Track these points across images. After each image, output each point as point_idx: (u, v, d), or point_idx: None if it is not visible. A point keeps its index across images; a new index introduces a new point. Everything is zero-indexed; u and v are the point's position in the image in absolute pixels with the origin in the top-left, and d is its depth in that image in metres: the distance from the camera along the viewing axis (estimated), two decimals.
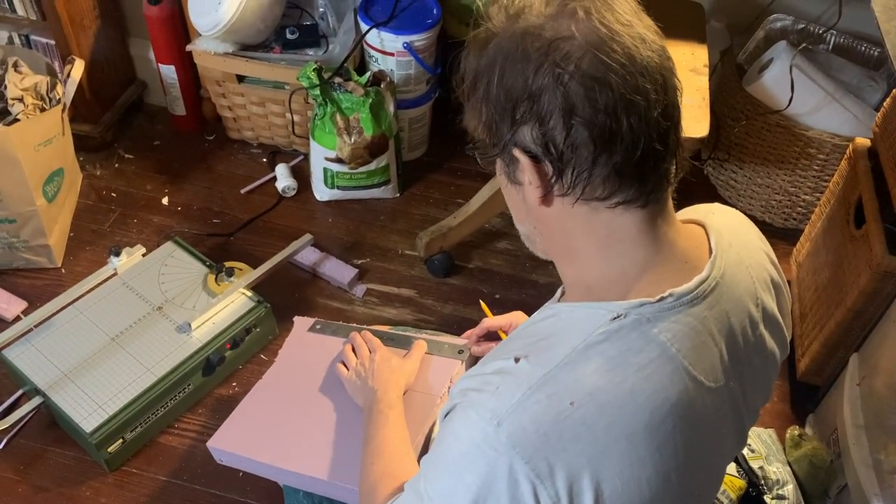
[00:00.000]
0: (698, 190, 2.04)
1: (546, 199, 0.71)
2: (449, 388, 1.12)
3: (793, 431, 1.55)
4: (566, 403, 0.67)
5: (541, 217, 0.74)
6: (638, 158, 0.67)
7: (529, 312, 0.87)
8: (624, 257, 0.72)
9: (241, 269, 1.70)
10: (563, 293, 0.82)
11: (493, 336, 1.20)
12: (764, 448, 1.53)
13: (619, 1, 0.68)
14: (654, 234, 0.72)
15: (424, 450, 1.07)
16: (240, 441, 1.14)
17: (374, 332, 1.22)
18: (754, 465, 1.49)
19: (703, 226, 0.79)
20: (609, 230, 0.72)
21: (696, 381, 0.72)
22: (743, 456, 1.50)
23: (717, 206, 0.84)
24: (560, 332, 0.72)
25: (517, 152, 0.70)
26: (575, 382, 0.68)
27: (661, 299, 0.70)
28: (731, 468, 1.49)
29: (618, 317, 0.70)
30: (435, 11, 1.83)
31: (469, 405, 0.70)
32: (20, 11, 1.85)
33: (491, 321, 1.19)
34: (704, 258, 0.75)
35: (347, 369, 1.16)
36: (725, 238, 0.78)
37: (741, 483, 1.47)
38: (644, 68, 0.66)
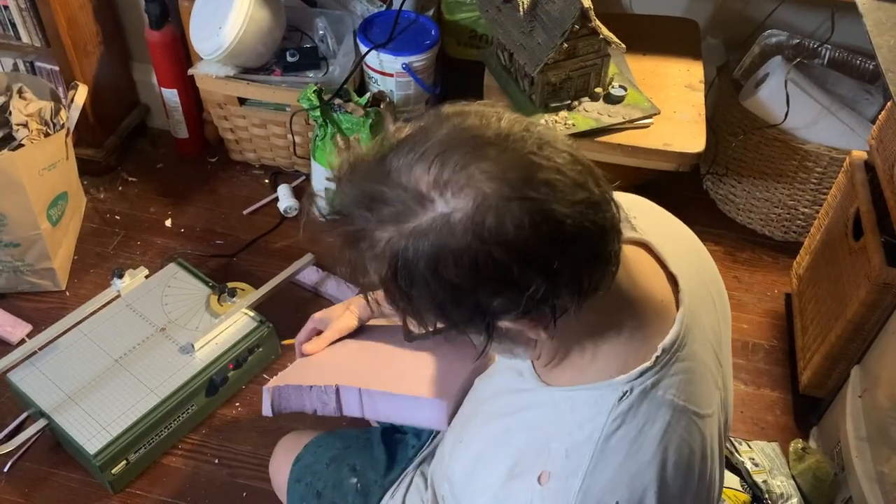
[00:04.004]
0: (697, 204, 2.04)
1: (551, 332, 0.66)
2: None
3: (796, 445, 1.55)
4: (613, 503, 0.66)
5: (535, 344, 0.71)
6: (603, 245, 0.64)
7: None
8: (614, 327, 0.71)
9: (243, 290, 1.71)
10: (533, 371, 0.77)
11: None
12: (768, 462, 1.52)
13: (491, 129, 0.61)
14: (630, 292, 0.71)
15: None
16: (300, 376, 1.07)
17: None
18: (758, 479, 1.49)
19: (643, 244, 0.77)
20: (601, 311, 0.69)
21: (703, 417, 0.72)
22: (747, 470, 1.50)
23: (628, 204, 0.78)
24: (567, 425, 0.69)
25: (506, 323, 0.64)
26: (611, 481, 0.67)
27: (657, 359, 0.70)
28: (735, 482, 1.49)
29: (624, 395, 0.68)
30: (433, 32, 1.85)
31: None
32: (25, 38, 1.88)
33: (298, 338, 1.15)
34: (667, 287, 0.75)
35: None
36: (669, 248, 0.77)
37: (745, 497, 1.46)
38: (557, 166, 0.60)
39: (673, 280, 0.75)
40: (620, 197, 0.75)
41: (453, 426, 0.93)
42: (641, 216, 0.80)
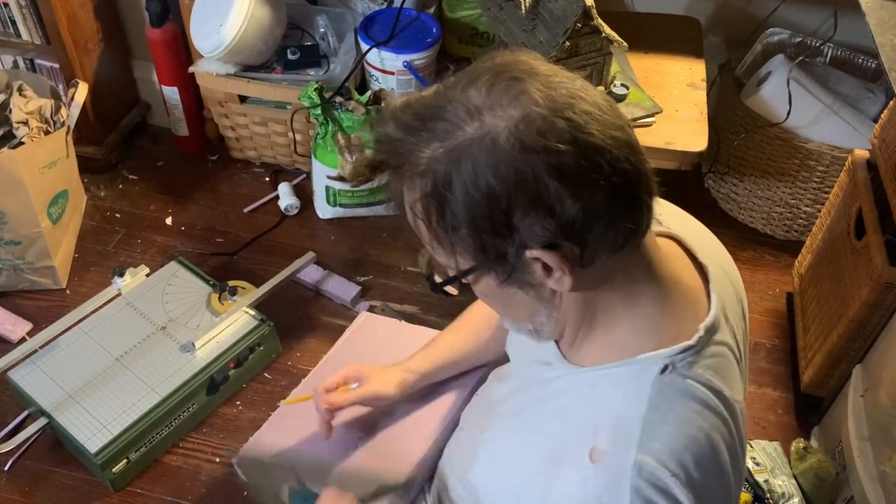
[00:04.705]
0: (699, 203, 2.04)
1: (577, 282, 0.66)
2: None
3: (798, 444, 1.55)
4: (667, 477, 0.66)
5: (559, 303, 0.71)
6: (637, 187, 0.65)
7: None
8: (645, 298, 0.71)
9: (244, 288, 1.71)
10: (561, 356, 0.77)
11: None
12: (769, 461, 1.52)
13: (544, 66, 0.65)
14: (660, 269, 0.71)
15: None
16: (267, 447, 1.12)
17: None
18: (759, 478, 1.48)
19: (673, 237, 0.78)
20: (627, 276, 0.70)
21: (739, 403, 0.74)
22: (748, 469, 1.50)
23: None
24: (610, 402, 0.69)
25: (535, 253, 0.64)
26: (662, 452, 0.67)
27: (700, 339, 0.70)
28: None
29: (665, 369, 0.69)
30: (434, 30, 1.85)
31: None
32: (25, 36, 1.87)
33: (326, 381, 1.06)
34: (697, 276, 0.76)
35: None
36: (697, 244, 0.78)
37: (747, 496, 1.46)
38: (598, 104, 0.64)
39: (702, 272, 0.76)
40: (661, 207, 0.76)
41: (461, 428, 0.93)
42: (668, 215, 0.81)
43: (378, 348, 1.23)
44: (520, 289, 0.69)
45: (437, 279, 0.72)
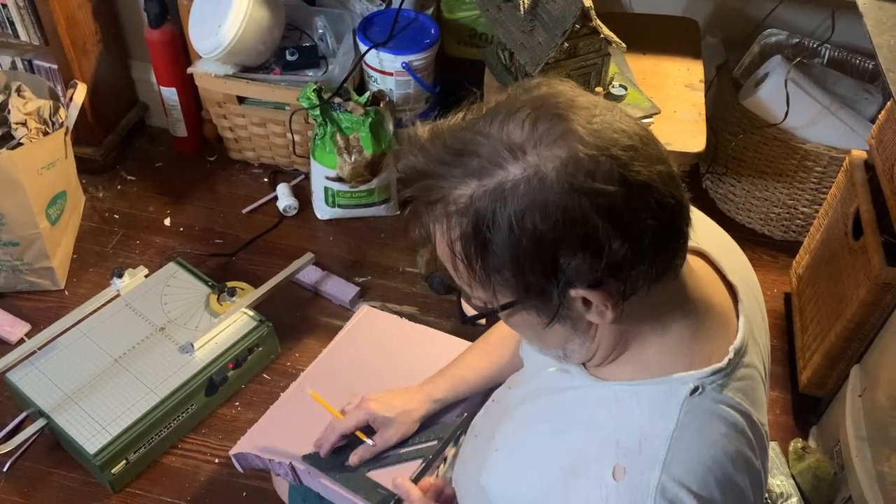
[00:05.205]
0: (697, 203, 2.04)
1: (618, 315, 0.65)
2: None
3: (796, 444, 1.55)
4: (690, 499, 0.66)
5: (594, 333, 0.70)
6: (680, 220, 0.65)
7: None
8: (678, 323, 0.70)
9: (243, 289, 1.71)
10: (582, 367, 0.76)
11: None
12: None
13: (581, 96, 0.64)
14: (694, 295, 0.71)
15: None
16: (265, 443, 1.12)
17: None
18: None
19: (703, 254, 0.78)
20: (663, 304, 0.69)
21: (764, 426, 0.73)
22: None
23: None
24: (636, 419, 0.69)
25: (579, 292, 0.63)
26: (686, 473, 0.66)
27: (730, 362, 0.70)
28: None
29: (696, 390, 0.68)
30: (433, 31, 1.85)
31: None
32: (23, 37, 1.87)
33: (344, 424, 1.04)
34: (727, 297, 0.75)
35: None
36: (725, 262, 0.78)
37: None
38: (639, 135, 0.64)
39: (730, 290, 0.76)
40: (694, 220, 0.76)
41: (473, 429, 0.93)
42: (696, 227, 0.79)
43: (377, 345, 1.24)
44: (557, 322, 0.68)
45: (469, 311, 0.70)
